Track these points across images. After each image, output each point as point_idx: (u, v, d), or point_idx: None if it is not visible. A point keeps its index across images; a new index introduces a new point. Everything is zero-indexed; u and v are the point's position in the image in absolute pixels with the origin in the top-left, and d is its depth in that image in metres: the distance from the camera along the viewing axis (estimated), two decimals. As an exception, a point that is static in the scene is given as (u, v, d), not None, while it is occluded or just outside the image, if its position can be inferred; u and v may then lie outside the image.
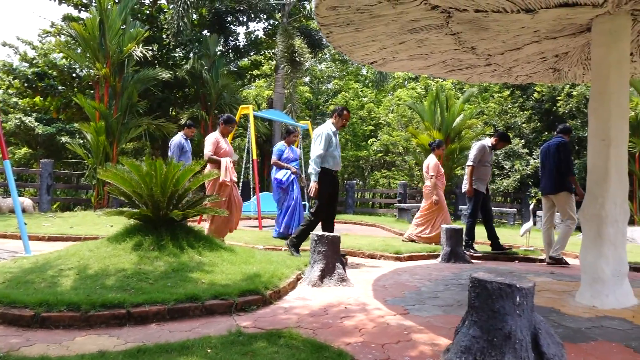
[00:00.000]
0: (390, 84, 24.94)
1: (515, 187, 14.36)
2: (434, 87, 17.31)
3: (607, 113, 4.13)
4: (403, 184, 15.19)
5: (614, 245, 3.97)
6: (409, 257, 6.58)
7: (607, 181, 4.05)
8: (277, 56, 16.05)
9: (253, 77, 22.38)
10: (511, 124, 16.03)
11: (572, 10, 4.11)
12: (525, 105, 16.26)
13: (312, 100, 25.80)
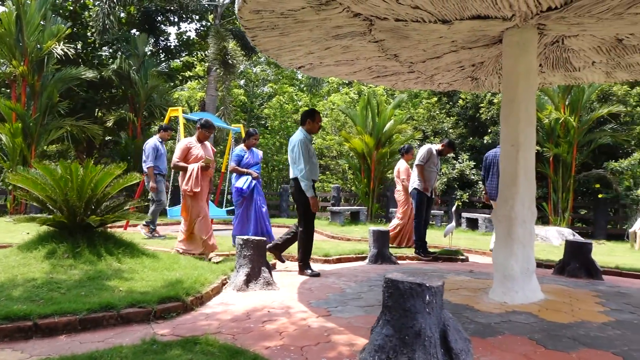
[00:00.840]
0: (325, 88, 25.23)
1: (442, 190, 14.92)
2: (367, 93, 17.68)
3: (516, 120, 4.40)
4: (337, 188, 15.38)
5: (523, 245, 4.23)
6: (337, 259, 6.68)
7: (516, 184, 4.31)
8: (210, 58, 15.79)
9: (185, 79, 21.87)
10: (439, 129, 16.66)
11: (484, 22, 4.34)
12: (451, 111, 16.97)
13: (247, 103, 25.59)
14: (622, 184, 12.66)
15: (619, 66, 5.68)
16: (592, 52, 5.25)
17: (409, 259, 7.15)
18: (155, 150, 8.17)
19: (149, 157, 8.07)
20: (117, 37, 16.46)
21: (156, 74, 15.70)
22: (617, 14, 4.06)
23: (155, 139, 8.39)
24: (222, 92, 16.76)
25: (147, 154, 8.11)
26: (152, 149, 8.12)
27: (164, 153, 8.51)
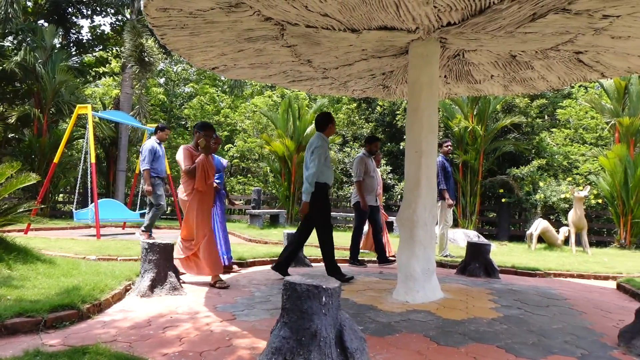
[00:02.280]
0: (249, 90, 25.03)
1: (360, 194, 15.35)
2: (289, 96, 17.77)
3: (420, 127, 4.62)
4: (257, 190, 15.29)
5: (424, 246, 4.45)
6: (251, 262, 6.64)
7: (418, 188, 4.52)
8: (125, 55, 15.12)
9: (99, 75, 20.78)
10: (358, 135, 17.09)
11: (390, 33, 4.53)
12: (370, 117, 17.47)
13: (167, 103, 24.79)
14: (523, 189, 13.66)
15: (514, 80, 6.14)
16: (490, 67, 5.64)
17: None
18: (152, 152, 7.84)
19: (146, 159, 7.75)
20: (21, 27, 15.32)
21: (65, 69, 14.79)
22: (509, 33, 4.40)
23: (153, 140, 8.05)
24: (139, 91, 16.08)
25: (144, 156, 7.78)
26: (149, 151, 7.81)
27: (163, 155, 8.14)
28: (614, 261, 8.49)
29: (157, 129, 8.34)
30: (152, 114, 22.18)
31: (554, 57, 5.17)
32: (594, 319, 4.10)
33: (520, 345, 3.22)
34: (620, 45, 4.66)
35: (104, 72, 21.10)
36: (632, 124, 12.09)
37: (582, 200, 9.72)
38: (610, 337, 3.52)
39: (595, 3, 3.73)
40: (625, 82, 12.32)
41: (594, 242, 12.75)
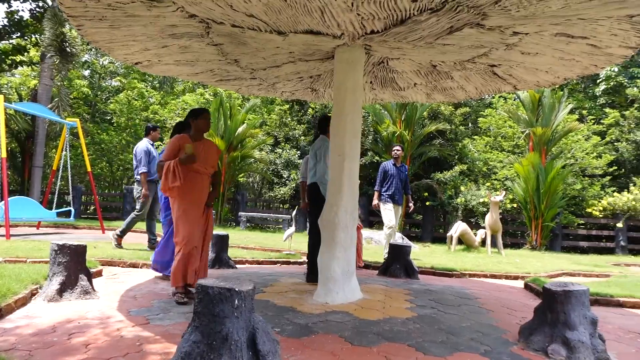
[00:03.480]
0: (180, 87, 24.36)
1: (291, 195, 15.35)
2: (221, 95, 17.48)
3: (343, 131, 4.71)
4: (185, 190, 14.90)
5: (344, 248, 4.54)
6: (173, 264, 6.45)
7: (341, 192, 4.60)
8: (44, 43, 14.25)
9: (15, 64, 19.41)
10: (290, 136, 17.12)
11: (317, 38, 4.58)
12: (302, 119, 17.56)
13: (91, 96, 23.59)
14: (446, 193, 14.26)
15: (436, 89, 6.41)
16: (413, 75, 5.85)
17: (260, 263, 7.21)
18: (147, 154, 7.39)
19: (141, 162, 7.30)
20: None
21: (-24, 56, 13.71)
22: (429, 43, 4.59)
23: (146, 141, 7.57)
24: (59, 82, 15.20)
25: (139, 159, 7.32)
26: (145, 153, 7.34)
27: (157, 156, 7.64)
28: (525, 262, 9.07)
29: (149, 129, 7.88)
30: (75, 108, 21.04)
31: (471, 69, 5.45)
32: (500, 317, 4.35)
33: (430, 344, 3.36)
34: (529, 60, 4.99)
35: (21, 61, 19.74)
36: (544, 133, 12.98)
37: (498, 204, 10.30)
38: (512, 333, 3.74)
39: (506, 20, 3.98)
40: (539, 94, 13.20)
41: (509, 244, 13.56)
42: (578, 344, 3.21)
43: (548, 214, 12.63)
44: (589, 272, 8.16)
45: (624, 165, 15.90)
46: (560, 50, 4.62)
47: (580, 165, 14.76)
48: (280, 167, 15.93)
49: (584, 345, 3.21)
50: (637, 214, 13.02)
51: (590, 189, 14.42)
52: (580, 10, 3.67)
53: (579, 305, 3.36)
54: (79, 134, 11.44)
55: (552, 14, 3.79)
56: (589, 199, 14.15)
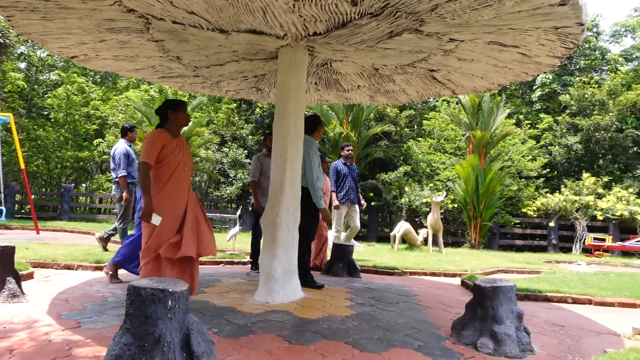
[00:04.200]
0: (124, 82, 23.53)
1: (237, 195, 15.21)
2: (166, 92, 17.07)
3: (286, 132, 4.73)
4: (127, 189, 14.45)
5: (285, 248, 4.56)
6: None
7: (282, 192, 4.62)
8: (-27, 32, 13.42)
9: (-59, 53, 18.13)
10: (238, 135, 16.95)
11: (260, 37, 4.58)
12: (250, 118, 17.43)
13: (27, 90, 22.39)
14: (390, 193, 14.57)
15: (379, 91, 6.55)
16: (357, 77, 5.95)
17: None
18: (126, 156, 7.08)
19: (121, 164, 6.99)
20: None
21: None
22: (370, 47, 4.69)
23: (124, 143, 7.20)
24: (-10, 74, 14.35)
25: (117, 161, 6.96)
26: (124, 155, 7.05)
27: (135, 158, 7.27)
28: (464, 260, 9.42)
29: (126, 129, 7.47)
30: (9, 102, 19.93)
31: (411, 73, 5.61)
32: (435, 313, 4.51)
33: (367, 341, 3.44)
34: (465, 66, 5.20)
35: (-53, 50, 18.46)
36: (483, 137, 13.51)
37: (439, 204, 10.64)
38: (446, 329, 3.89)
39: (442, 27, 4.13)
40: (479, 99, 13.74)
41: (450, 242, 14.03)
42: (505, 337, 3.38)
43: (486, 213, 13.16)
44: (521, 269, 8.57)
45: (557, 167, 16.81)
46: (493, 58, 4.84)
47: (516, 167, 15.47)
48: (227, 167, 15.74)
49: (510, 338, 3.39)
50: (567, 214, 13.80)
51: (525, 190, 15.14)
52: (510, 20, 3.86)
53: (506, 300, 3.54)
54: (12, 129, 10.85)
55: (484, 23, 3.96)
56: (524, 199, 14.86)
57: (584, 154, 16.81)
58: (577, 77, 19.09)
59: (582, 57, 20.35)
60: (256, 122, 17.23)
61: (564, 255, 12.73)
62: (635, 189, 14.75)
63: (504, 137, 14.54)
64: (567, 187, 14.68)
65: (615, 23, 23.40)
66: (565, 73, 19.95)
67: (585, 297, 5.70)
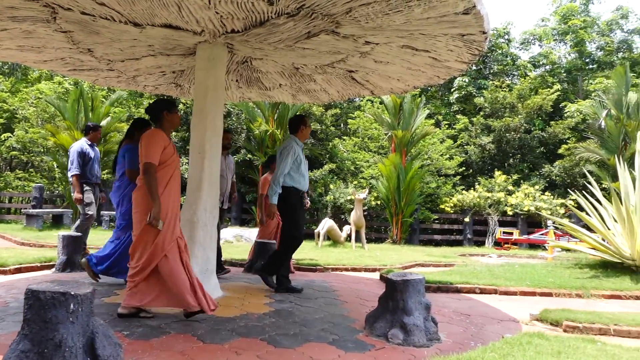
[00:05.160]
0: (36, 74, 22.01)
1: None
2: (82, 85, 16.18)
3: (204, 129, 4.67)
4: (39, 187, 13.57)
5: (203, 247, 4.51)
6: (16, 269, 5.90)
7: (200, 189, 4.56)
8: None
9: None
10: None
11: (176, 32, 4.48)
12: (174, 114, 16.94)
13: None
14: (316, 191, 14.75)
15: (301, 90, 6.62)
16: (278, 76, 5.98)
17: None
18: (81, 155, 6.65)
19: (74, 163, 6.61)
20: None
21: None
22: (289, 46, 4.73)
23: (83, 141, 6.86)
24: None
25: (71, 160, 6.66)
26: (78, 154, 6.63)
27: (97, 158, 6.76)
28: (384, 255, 9.74)
29: (89, 128, 7.07)
30: None
31: (331, 73, 5.72)
32: (352, 307, 4.65)
33: (282, 337, 3.49)
34: (382, 68, 5.38)
35: None
36: (404, 136, 14.02)
37: (362, 201, 10.92)
38: (361, 322, 4.02)
39: (358, 30, 4.25)
40: (401, 100, 14.23)
41: (373, 238, 14.44)
42: (413, 328, 3.56)
43: (407, 210, 13.68)
44: (437, 262, 9.01)
45: (472, 166, 17.78)
46: (407, 61, 5.05)
47: (435, 165, 16.20)
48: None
49: (418, 329, 3.57)
50: (481, 210, 14.64)
51: (443, 188, 15.89)
52: (420, 26, 4.06)
53: (416, 292, 3.72)
54: None
55: (397, 28, 4.13)
56: (442, 196, 15.59)
57: (496, 153, 17.90)
58: (491, 81, 20.28)
59: (495, 62, 21.63)
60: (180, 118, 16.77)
61: (477, 248, 13.50)
62: (541, 186, 15.93)
63: (423, 137, 15.15)
64: (480, 184, 15.57)
65: (525, 31, 25.07)
66: (480, 77, 21.13)
67: (492, 287, 6.11)
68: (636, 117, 14.09)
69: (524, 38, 24.90)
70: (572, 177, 16.32)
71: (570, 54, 23.10)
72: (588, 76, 21.48)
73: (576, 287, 6.10)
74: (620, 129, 14.31)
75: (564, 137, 17.70)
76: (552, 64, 22.51)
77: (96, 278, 5.13)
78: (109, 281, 5.25)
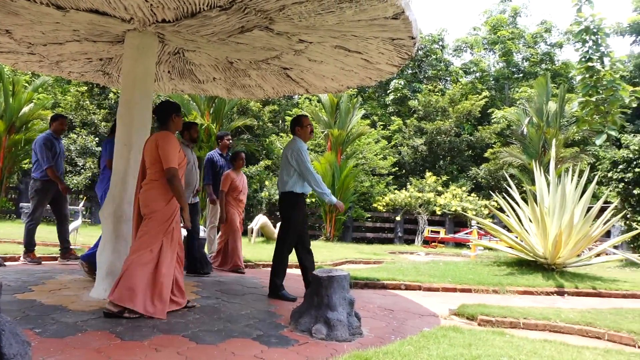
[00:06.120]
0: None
1: (85, 185, 14.08)
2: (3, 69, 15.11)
3: (131, 120, 4.52)
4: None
5: (126, 242, 4.36)
6: None
7: (125, 183, 4.41)
8: None
9: None
10: (88, 121, 15.67)
11: (103, 18, 4.31)
12: (103, 104, 16.23)
13: None
14: (251, 187, 14.65)
15: (235, 85, 6.56)
16: (211, 69, 5.90)
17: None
18: (47, 147, 6.22)
19: (43, 157, 6.17)
20: None
21: None
22: (222, 40, 4.68)
23: (46, 133, 6.41)
24: None
25: (37, 152, 6.22)
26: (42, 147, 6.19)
27: (61, 152, 6.45)
28: (317, 252, 9.77)
29: (52, 119, 6.51)
30: None
31: (266, 69, 5.72)
32: (279, 304, 4.68)
33: (206, 333, 3.45)
34: (316, 67, 5.44)
35: None
36: (340, 135, 14.24)
37: (296, 199, 10.97)
38: (287, 318, 4.05)
39: (291, 28, 4.28)
40: (338, 99, 14.43)
41: (307, 236, 14.53)
42: (337, 323, 3.64)
43: (341, 208, 13.89)
44: (367, 259, 9.23)
45: (404, 166, 18.35)
46: (340, 61, 5.14)
47: (369, 165, 16.56)
48: (74, 154, 14.47)
49: (341, 324, 3.65)
50: (412, 209, 15.15)
51: (377, 187, 16.29)
52: (352, 28, 4.15)
53: (340, 288, 3.80)
54: None
55: (330, 28, 4.20)
56: (375, 195, 15.98)
57: (428, 155, 18.58)
58: (425, 85, 21.01)
59: (430, 67, 22.44)
60: (110, 107, 16.09)
61: (407, 246, 13.96)
62: (468, 187, 16.71)
63: (359, 136, 15.45)
64: (412, 184, 16.10)
65: (458, 39, 26.18)
66: (416, 80, 21.83)
67: (416, 283, 6.35)
68: (555, 125, 15.09)
69: (457, 45, 25.98)
70: (496, 179, 17.23)
71: (498, 63, 24.38)
72: (514, 85, 22.77)
73: (493, 284, 6.46)
74: (540, 136, 15.27)
75: (490, 142, 18.66)
76: (482, 71, 23.65)
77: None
78: (25, 277, 4.98)
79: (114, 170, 4.51)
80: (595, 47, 12.84)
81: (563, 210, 7.44)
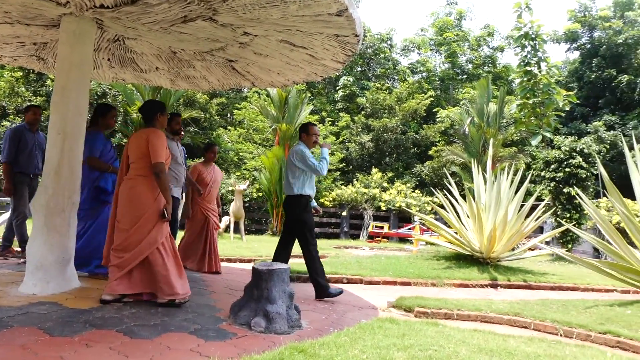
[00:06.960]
0: None
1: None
2: None
3: (66, 108, 4.34)
4: None
5: (60, 234, 4.20)
6: None
7: (59, 173, 4.24)
8: None
9: None
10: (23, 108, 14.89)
11: (37, 1, 4.11)
12: (40, 90, 15.45)
13: None
14: (197, 180, 14.39)
15: (179, 76, 6.42)
16: (154, 58, 5.75)
17: None
18: (13, 139, 5.89)
19: (7, 149, 5.89)
20: None
21: None
22: (164, 29, 4.58)
23: (20, 125, 6.20)
24: None
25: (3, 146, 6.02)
26: (9, 139, 5.89)
27: (37, 145, 6.08)
28: (262, 246, 9.83)
29: (24, 109, 6.18)
30: None
31: (210, 61, 5.64)
32: (219, 297, 4.65)
33: (141, 327, 3.38)
34: (262, 61, 5.43)
35: None
36: (288, 129, 14.23)
37: (242, 192, 10.91)
38: (226, 312, 4.03)
39: (235, 20, 4.25)
40: (286, 94, 14.41)
41: (254, 230, 14.48)
42: (276, 316, 3.66)
43: (288, 203, 13.90)
44: (312, 254, 9.28)
45: (351, 162, 18.60)
46: (286, 56, 5.15)
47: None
48: (7, 143, 13.70)
49: (280, 316, 3.68)
50: (358, 204, 15.38)
51: (324, 182, 16.40)
52: (297, 23, 4.17)
53: (280, 282, 3.83)
54: None
55: (274, 22, 4.20)
56: (322, 190, 16.08)
57: (375, 152, 18.91)
58: (373, 83, 21.33)
59: (378, 65, 22.80)
60: (47, 95, 15.33)
61: (352, 241, 14.17)
62: (412, 184, 17.15)
63: (307, 132, 15.48)
64: (358, 180, 16.33)
65: (405, 39, 26.75)
66: (364, 78, 22.12)
67: (358, 277, 6.48)
68: (495, 125, 15.73)
69: (405, 45, 26.54)
70: (439, 177, 17.79)
71: (444, 64, 25.11)
72: (458, 86, 23.54)
73: (432, 277, 6.69)
74: (481, 136, 15.88)
75: (434, 140, 19.22)
76: (428, 71, 24.29)
77: None
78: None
79: (47, 159, 4.32)
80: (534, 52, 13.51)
81: (498, 207, 7.79)
